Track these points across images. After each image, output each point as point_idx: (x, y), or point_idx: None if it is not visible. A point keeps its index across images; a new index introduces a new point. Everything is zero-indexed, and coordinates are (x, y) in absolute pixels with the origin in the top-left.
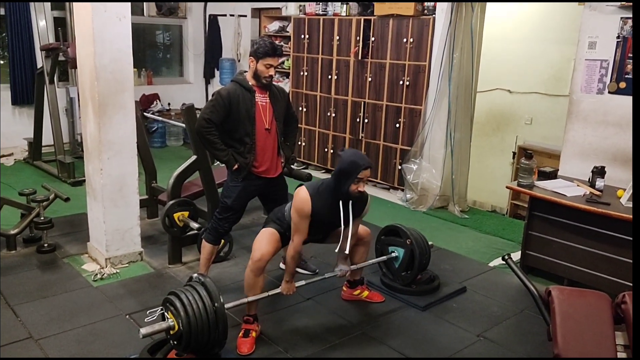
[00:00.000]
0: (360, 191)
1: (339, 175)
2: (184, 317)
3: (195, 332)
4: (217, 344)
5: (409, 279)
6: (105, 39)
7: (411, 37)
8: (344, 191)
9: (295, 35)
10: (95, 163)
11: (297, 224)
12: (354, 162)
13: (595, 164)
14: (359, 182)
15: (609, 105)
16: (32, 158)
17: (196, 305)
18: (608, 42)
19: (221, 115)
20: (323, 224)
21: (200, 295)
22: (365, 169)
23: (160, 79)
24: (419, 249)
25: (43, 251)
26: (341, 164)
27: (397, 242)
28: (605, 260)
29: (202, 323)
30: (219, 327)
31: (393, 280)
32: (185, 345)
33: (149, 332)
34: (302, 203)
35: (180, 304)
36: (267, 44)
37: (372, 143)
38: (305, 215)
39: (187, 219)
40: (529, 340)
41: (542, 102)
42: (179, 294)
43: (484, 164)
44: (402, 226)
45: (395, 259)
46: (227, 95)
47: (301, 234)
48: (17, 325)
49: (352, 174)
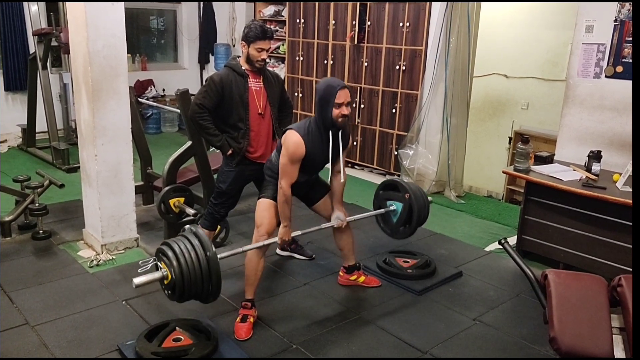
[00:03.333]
0: (345, 114)
1: (320, 105)
2: (176, 266)
3: (189, 281)
4: (212, 294)
5: (406, 233)
6: (98, 24)
7: (407, 21)
8: (329, 119)
9: (290, 20)
10: (90, 149)
11: (288, 169)
12: (329, 86)
13: (592, 148)
14: (340, 107)
15: (606, 90)
16: (26, 145)
17: (188, 255)
18: (605, 26)
19: (214, 101)
20: (314, 162)
21: (193, 245)
22: (341, 89)
23: (154, 65)
24: (417, 203)
25: (38, 238)
26: (318, 93)
27: (395, 197)
28: (601, 244)
29: (195, 272)
30: (212, 276)
31: (391, 235)
32: (179, 294)
33: (143, 281)
34: (296, 146)
35: (172, 253)
36: (257, 27)
37: (368, 128)
38: (298, 159)
39: (182, 205)
40: (525, 324)
41: (539, 86)
42: (172, 244)
43: (480, 149)
44: (401, 180)
45: (393, 213)
46: (220, 81)
47: (290, 177)
48: (13, 312)
49: (331, 98)
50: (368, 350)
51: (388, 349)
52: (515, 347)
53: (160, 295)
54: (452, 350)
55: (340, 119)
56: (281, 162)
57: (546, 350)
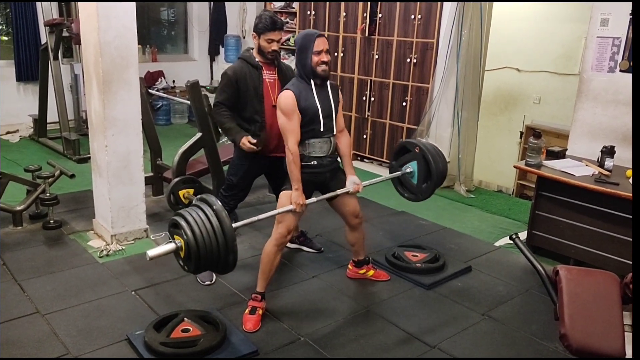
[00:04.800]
0: (324, 61)
1: (299, 55)
2: (190, 235)
3: (204, 250)
4: (228, 265)
5: (430, 188)
6: (109, 15)
7: (419, 13)
8: (309, 67)
9: (301, 12)
10: (100, 140)
11: (287, 126)
12: (306, 34)
13: (605, 143)
14: (319, 54)
15: (620, 84)
16: (37, 135)
17: (202, 223)
18: (621, 19)
19: (231, 94)
20: (314, 113)
21: (206, 213)
22: (319, 36)
23: (164, 56)
24: (430, 153)
25: (49, 227)
26: (297, 44)
27: (408, 158)
28: (613, 241)
29: (211, 240)
30: (228, 243)
31: (416, 197)
32: (195, 265)
33: (157, 253)
34: (285, 99)
35: (185, 223)
36: (267, 18)
37: (378, 122)
38: (292, 110)
39: (192, 197)
40: (534, 320)
41: (552, 81)
42: (184, 214)
43: (491, 143)
44: (408, 140)
45: (410, 175)
46: (234, 74)
47: (293, 134)
48: (24, 300)
49: (308, 45)
50: (376, 344)
51: (396, 343)
52: (524, 343)
53: (169, 286)
54: (461, 345)
55: (320, 66)
56: (279, 122)
57: (555, 346)
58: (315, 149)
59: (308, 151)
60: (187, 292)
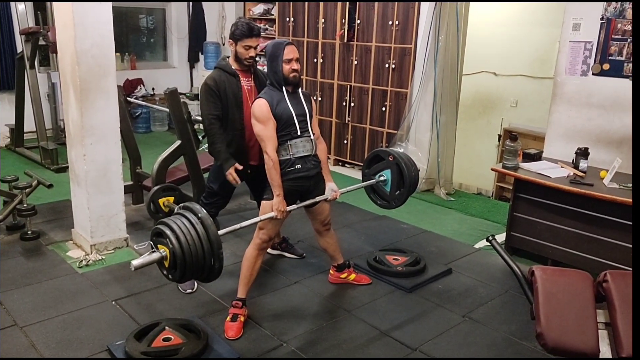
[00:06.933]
0: (295, 69)
1: (270, 63)
2: (176, 244)
3: (190, 258)
4: (214, 273)
5: (404, 195)
6: (86, 23)
7: (397, 19)
8: (280, 75)
9: (280, 18)
10: (78, 149)
11: (263, 133)
12: (276, 44)
13: (579, 145)
14: (290, 62)
15: (593, 87)
16: (14, 145)
17: (186, 230)
18: (592, 24)
19: (218, 105)
20: (288, 117)
21: (191, 221)
22: (288, 44)
23: (143, 64)
24: (403, 161)
25: (27, 238)
26: (267, 53)
27: (381, 167)
28: (588, 241)
29: (197, 248)
30: (214, 251)
31: (389, 205)
32: (180, 274)
33: (141, 263)
34: (259, 107)
35: (170, 231)
36: (244, 24)
37: (358, 127)
38: (266, 117)
39: (172, 205)
40: (513, 320)
41: (528, 84)
42: (169, 223)
43: (470, 146)
44: (381, 148)
45: (384, 183)
46: (214, 83)
47: (271, 140)
48: (1, 313)
49: (278, 54)
50: (358, 347)
51: (378, 346)
52: (504, 343)
53: (150, 295)
54: (442, 347)
55: (292, 74)
56: (255, 130)
57: (534, 346)
58: (299, 148)
59: (292, 152)
60: (168, 300)
